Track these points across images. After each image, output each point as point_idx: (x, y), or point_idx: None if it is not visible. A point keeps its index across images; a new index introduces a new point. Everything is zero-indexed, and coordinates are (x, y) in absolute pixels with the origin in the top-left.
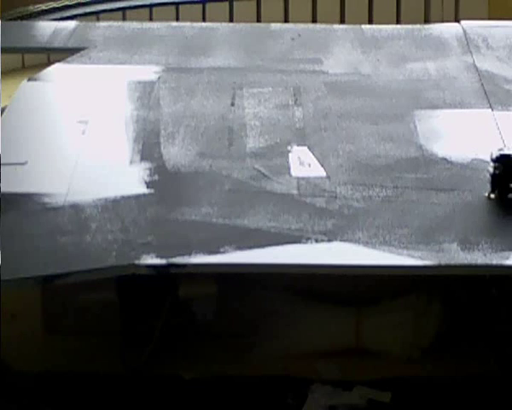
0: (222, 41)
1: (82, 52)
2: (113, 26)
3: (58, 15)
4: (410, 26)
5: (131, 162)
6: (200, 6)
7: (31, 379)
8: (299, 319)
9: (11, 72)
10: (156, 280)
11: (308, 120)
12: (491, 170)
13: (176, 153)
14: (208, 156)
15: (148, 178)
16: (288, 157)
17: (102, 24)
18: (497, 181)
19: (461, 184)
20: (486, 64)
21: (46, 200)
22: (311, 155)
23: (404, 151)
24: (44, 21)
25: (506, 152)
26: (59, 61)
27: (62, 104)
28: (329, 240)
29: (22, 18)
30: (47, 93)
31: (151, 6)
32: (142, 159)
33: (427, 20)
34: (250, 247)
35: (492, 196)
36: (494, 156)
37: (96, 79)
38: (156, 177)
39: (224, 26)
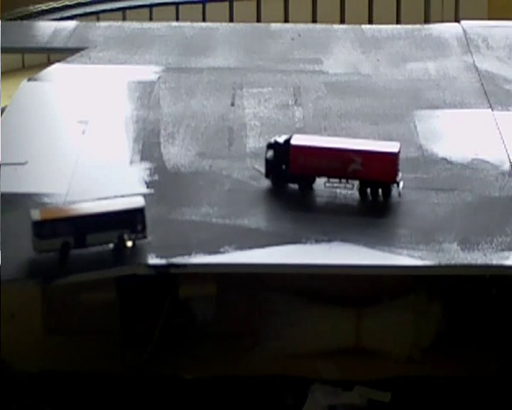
0: (222, 41)
1: (82, 52)
2: (113, 26)
3: (58, 15)
4: (410, 26)
5: (131, 162)
6: (200, 6)
7: (31, 379)
8: (299, 319)
9: (11, 72)
10: (156, 280)
11: (308, 120)
12: (267, 155)
13: (176, 153)
14: (208, 156)
15: (148, 178)
16: None
17: (102, 24)
18: (269, 166)
19: (461, 184)
20: (486, 64)
21: (46, 200)
22: None
23: (404, 151)
24: (44, 21)
25: (279, 140)
26: (59, 61)
27: (62, 104)
28: (329, 240)
29: (22, 18)
30: (47, 93)
31: (151, 6)
32: (142, 159)
33: (427, 20)
34: (250, 247)
35: (268, 179)
36: (269, 143)
37: (96, 79)
38: (156, 177)
39: (224, 26)
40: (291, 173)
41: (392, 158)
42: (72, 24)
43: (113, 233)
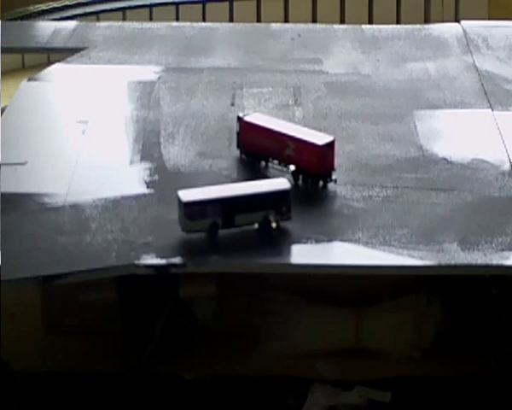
0: (222, 41)
1: (82, 52)
2: (113, 26)
3: (58, 15)
4: (410, 26)
5: (131, 162)
6: (200, 6)
7: (31, 379)
8: (299, 319)
9: (11, 72)
10: (156, 280)
11: (308, 120)
12: (237, 128)
13: (176, 153)
14: (208, 156)
15: (148, 178)
16: None
17: (102, 24)
18: (237, 138)
19: (461, 184)
20: (486, 64)
21: (46, 200)
22: None
23: (404, 151)
24: (44, 21)
25: (244, 114)
26: (59, 61)
27: (62, 104)
28: (329, 240)
29: (22, 18)
30: (47, 93)
31: (151, 6)
32: (142, 159)
33: (427, 20)
34: (250, 247)
35: (238, 151)
36: (238, 116)
37: (96, 79)
38: (156, 177)
39: (224, 26)
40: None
41: (316, 149)
42: (72, 24)
43: (260, 214)
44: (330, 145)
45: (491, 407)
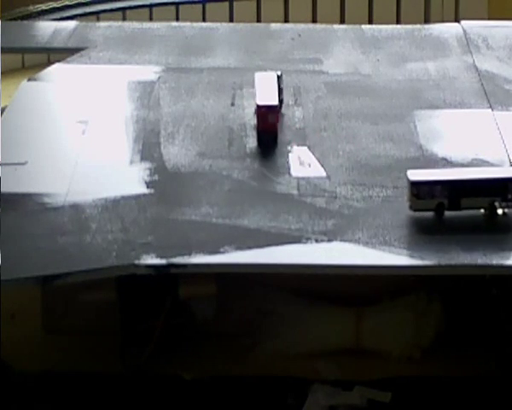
0: (222, 41)
1: (82, 52)
2: (113, 26)
3: (58, 15)
4: (410, 26)
5: (131, 162)
6: (200, 6)
7: (31, 379)
8: (299, 319)
9: (11, 72)
10: (156, 280)
11: (308, 120)
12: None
13: (176, 153)
14: (208, 156)
15: (148, 178)
16: (288, 157)
17: (102, 24)
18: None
19: None
20: (486, 64)
21: (46, 200)
22: (311, 155)
23: (404, 151)
24: (44, 21)
25: (258, 73)
26: (59, 61)
27: (62, 104)
28: (329, 240)
29: (22, 18)
30: (47, 93)
31: (151, 6)
32: (142, 159)
33: (427, 20)
34: (250, 247)
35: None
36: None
37: (96, 79)
38: (156, 177)
39: (224, 26)
40: None
41: (256, 108)
42: (72, 24)
43: (485, 199)
44: (270, 108)
45: (491, 407)
